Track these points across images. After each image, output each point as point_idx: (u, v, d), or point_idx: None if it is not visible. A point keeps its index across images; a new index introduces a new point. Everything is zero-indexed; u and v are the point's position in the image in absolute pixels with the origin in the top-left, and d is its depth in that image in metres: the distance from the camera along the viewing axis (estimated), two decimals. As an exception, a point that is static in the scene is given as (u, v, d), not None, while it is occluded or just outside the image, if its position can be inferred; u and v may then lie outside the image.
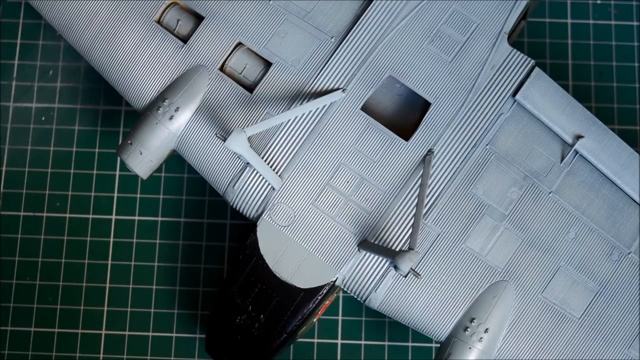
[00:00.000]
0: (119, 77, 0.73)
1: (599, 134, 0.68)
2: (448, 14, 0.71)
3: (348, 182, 0.68)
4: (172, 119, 0.70)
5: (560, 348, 0.66)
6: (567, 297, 0.67)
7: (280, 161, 0.69)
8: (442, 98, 0.69)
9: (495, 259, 0.67)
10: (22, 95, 0.84)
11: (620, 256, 0.67)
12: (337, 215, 0.68)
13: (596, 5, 0.86)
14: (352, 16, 0.72)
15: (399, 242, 0.67)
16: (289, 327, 0.67)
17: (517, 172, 0.68)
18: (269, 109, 0.70)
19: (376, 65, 0.70)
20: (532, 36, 0.85)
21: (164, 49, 0.73)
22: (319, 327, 0.78)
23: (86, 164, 0.82)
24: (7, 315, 0.79)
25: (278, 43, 0.72)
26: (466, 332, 0.65)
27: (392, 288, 0.67)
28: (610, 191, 0.68)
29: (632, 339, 0.66)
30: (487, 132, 0.69)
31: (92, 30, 0.74)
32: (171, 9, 0.74)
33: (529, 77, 0.69)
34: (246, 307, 0.68)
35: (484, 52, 0.70)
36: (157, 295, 0.80)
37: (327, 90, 0.70)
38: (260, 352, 0.68)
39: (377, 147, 0.69)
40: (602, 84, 0.84)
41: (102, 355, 0.78)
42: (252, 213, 0.69)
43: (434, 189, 0.68)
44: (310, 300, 0.67)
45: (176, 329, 0.79)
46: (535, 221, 0.67)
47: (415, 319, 0.67)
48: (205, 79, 0.71)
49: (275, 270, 0.67)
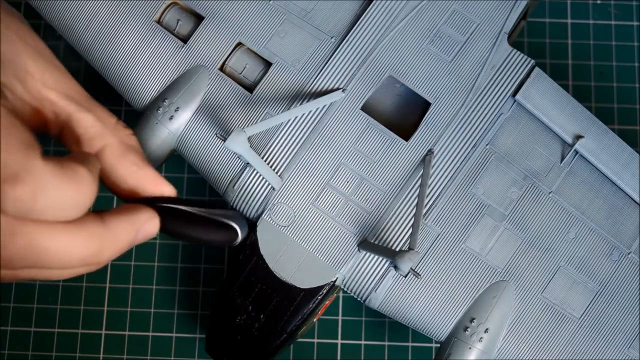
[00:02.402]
0: (119, 77, 0.73)
1: (599, 134, 0.68)
2: (448, 14, 0.71)
3: (348, 182, 0.68)
4: (172, 119, 0.70)
5: (561, 348, 0.66)
6: (567, 297, 0.67)
7: (280, 161, 0.69)
8: (442, 98, 0.69)
9: (495, 259, 0.67)
10: (22, 95, 0.84)
11: (620, 256, 0.67)
12: (337, 215, 0.68)
13: (596, 5, 0.86)
14: (352, 16, 0.72)
15: (399, 242, 0.67)
16: (289, 327, 0.67)
17: (517, 172, 0.68)
18: (269, 109, 0.70)
19: (376, 65, 0.70)
20: (532, 36, 0.85)
21: (164, 49, 0.73)
22: (319, 327, 0.78)
23: (86, 164, 0.82)
24: (7, 315, 0.79)
25: (278, 43, 0.72)
26: (466, 332, 0.65)
27: (392, 288, 0.67)
28: (610, 191, 0.68)
29: (632, 339, 0.66)
30: (487, 132, 0.69)
31: (92, 30, 0.74)
32: (171, 9, 0.74)
33: (529, 77, 0.69)
34: (246, 307, 0.68)
35: (484, 52, 0.70)
36: (157, 295, 0.80)
37: (327, 90, 0.70)
38: (260, 352, 0.68)
39: (377, 147, 0.69)
40: (602, 84, 0.84)
41: (102, 355, 0.78)
42: (252, 213, 0.69)
43: (434, 189, 0.68)
44: (310, 300, 0.67)
45: (176, 329, 0.79)
46: (535, 221, 0.67)
47: (416, 319, 0.67)
48: (205, 79, 0.72)
49: (275, 270, 0.67)
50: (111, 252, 0.53)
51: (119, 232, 0.53)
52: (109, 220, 0.52)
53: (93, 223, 0.51)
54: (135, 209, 0.54)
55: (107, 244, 0.52)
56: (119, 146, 0.55)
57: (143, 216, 0.54)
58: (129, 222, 0.53)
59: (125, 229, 0.53)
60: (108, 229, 0.52)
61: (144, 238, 0.55)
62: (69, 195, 0.48)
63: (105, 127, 0.56)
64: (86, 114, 0.55)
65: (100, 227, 0.52)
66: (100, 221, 0.52)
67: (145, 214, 0.54)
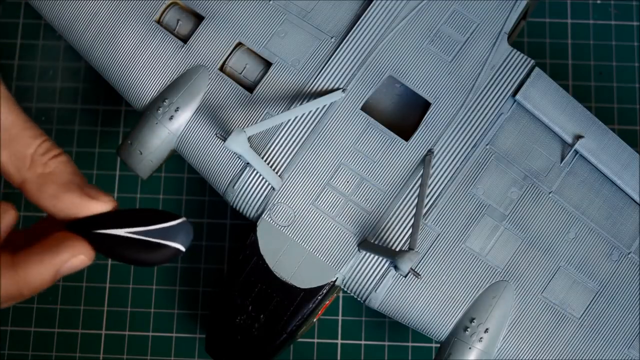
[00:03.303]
0: (119, 77, 0.73)
1: (599, 134, 0.68)
2: (448, 14, 0.71)
3: (348, 182, 0.68)
4: (172, 119, 0.70)
5: (560, 348, 0.66)
6: (567, 297, 0.67)
7: (280, 161, 0.69)
8: (442, 98, 0.69)
9: (495, 259, 0.67)
10: (22, 95, 0.84)
11: (620, 256, 0.67)
12: (337, 215, 0.68)
13: (596, 5, 0.86)
14: (352, 16, 0.72)
15: (399, 242, 0.67)
16: (289, 327, 0.67)
17: (517, 172, 0.68)
18: (269, 109, 0.70)
19: (376, 65, 0.70)
20: (532, 36, 0.85)
21: (164, 49, 0.73)
22: (319, 327, 0.78)
23: (86, 164, 0.82)
24: (7, 315, 0.79)
25: (278, 43, 0.72)
26: (466, 332, 0.65)
27: (392, 288, 0.67)
28: (610, 191, 0.68)
29: (632, 339, 0.66)
30: (487, 132, 0.69)
31: (92, 30, 0.74)
32: (171, 9, 0.74)
33: (529, 77, 0.69)
34: (246, 307, 0.68)
35: (484, 52, 0.70)
36: (157, 295, 0.80)
37: (327, 90, 0.70)
38: (260, 352, 0.68)
39: (377, 147, 0.69)
40: (602, 84, 0.84)
41: (102, 355, 0.78)
42: (252, 213, 0.69)
43: (434, 189, 0.68)
44: (310, 300, 0.67)
45: (176, 329, 0.79)
46: (536, 221, 0.67)
47: (416, 319, 0.67)
48: (205, 79, 0.71)
49: (275, 270, 0.67)
50: (29, 292, 0.53)
51: (32, 276, 0.53)
52: (22, 264, 0.53)
53: (5, 271, 0.52)
54: (56, 247, 0.54)
55: (22, 287, 0.53)
56: (35, 181, 0.54)
57: (64, 255, 0.53)
58: (46, 263, 0.53)
59: (40, 272, 0.53)
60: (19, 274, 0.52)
61: (70, 271, 0.54)
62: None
63: (21, 162, 0.55)
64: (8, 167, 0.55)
65: (12, 273, 0.52)
66: (12, 268, 0.52)
67: (67, 252, 0.53)
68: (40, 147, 0.56)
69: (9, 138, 0.55)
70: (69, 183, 0.55)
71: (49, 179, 0.55)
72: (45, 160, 0.55)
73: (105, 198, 0.55)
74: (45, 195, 0.54)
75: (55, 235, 0.54)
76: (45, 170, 0.55)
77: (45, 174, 0.55)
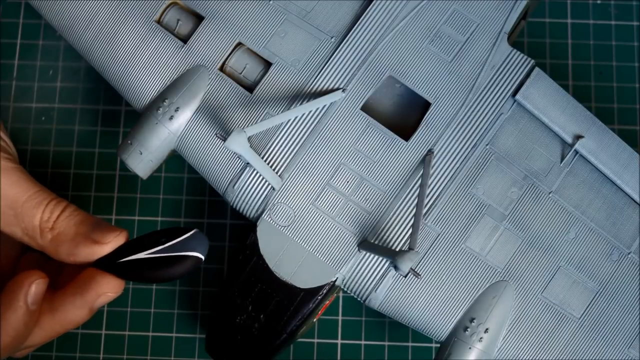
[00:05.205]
0: (119, 77, 0.73)
1: (599, 134, 0.68)
2: (448, 14, 0.71)
3: (348, 182, 0.68)
4: (172, 119, 0.70)
5: (561, 348, 0.66)
6: (567, 297, 0.67)
7: (280, 161, 0.69)
8: (442, 98, 0.69)
9: (495, 259, 0.67)
10: (22, 95, 0.84)
11: (620, 256, 0.67)
12: (337, 215, 0.68)
13: (596, 5, 0.86)
14: (352, 16, 0.72)
15: (399, 242, 0.67)
16: (289, 327, 0.67)
17: (517, 172, 0.68)
18: (269, 109, 0.70)
19: (376, 65, 0.70)
20: (532, 36, 0.85)
21: (164, 49, 0.73)
22: (319, 327, 0.78)
23: (86, 164, 0.82)
24: (7, 315, 0.79)
25: (278, 43, 0.72)
26: (466, 332, 0.65)
27: (392, 288, 0.67)
28: (610, 191, 0.68)
29: (632, 339, 0.66)
30: (487, 132, 0.69)
31: (92, 30, 0.74)
32: (171, 9, 0.74)
33: (529, 77, 0.69)
34: (246, 307, 0.68)
35: (484, 52, 0.70)
36: (157, 295, 0.80)
37: (327, 90, 0.70)
38: (260, 352, 0.68)
39: (377, 147, 0.69)
40: (602, 84, 0.84)
41: (102, 355, 0.78)
42: (252, 213, 0.69)
43: (434, 189, 0.68)
44: (310, 300, 0.67)
45: (176, 329, 0.79)
46: (535, 221, 0.67)
47: (416, 319, 0.67)
48: (205, 79, 0.72)
49: (275, 270, 0.67)
50: (72, 327, 0.62)
51: (70, 317, 0.61)
52: (60, 308, 0.61)
53: (44, 322, 0.61)
54: (86, 287, 0.61)
55: (64, 326, 0.62)
56: (49, 246, 0.62)
57: (92, 294, 0.60)
58: (78, 305, 0.61)
59: (74, 313, 0.61)
60: (59, 317, 0.61)
61: (104, 304, 0.61)
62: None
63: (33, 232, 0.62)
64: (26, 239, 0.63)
65: (50, 317, 0.61)
66: (50, 313, 0.61)
67: (94, 291, 0.61)
68: (44, 213, 0.62)
69: (15, 215, 0.63)
70: (76, 237, 0.61)
71: (59, 240, 0.62)
72: (52, 225, 0.62)
73: (112, 236, 0.61)
74: (62, 256, 0.62)
75: (84, 273, 0.61)
76: (54, 234, 0.62)
77: (55, 236, 0.62)
